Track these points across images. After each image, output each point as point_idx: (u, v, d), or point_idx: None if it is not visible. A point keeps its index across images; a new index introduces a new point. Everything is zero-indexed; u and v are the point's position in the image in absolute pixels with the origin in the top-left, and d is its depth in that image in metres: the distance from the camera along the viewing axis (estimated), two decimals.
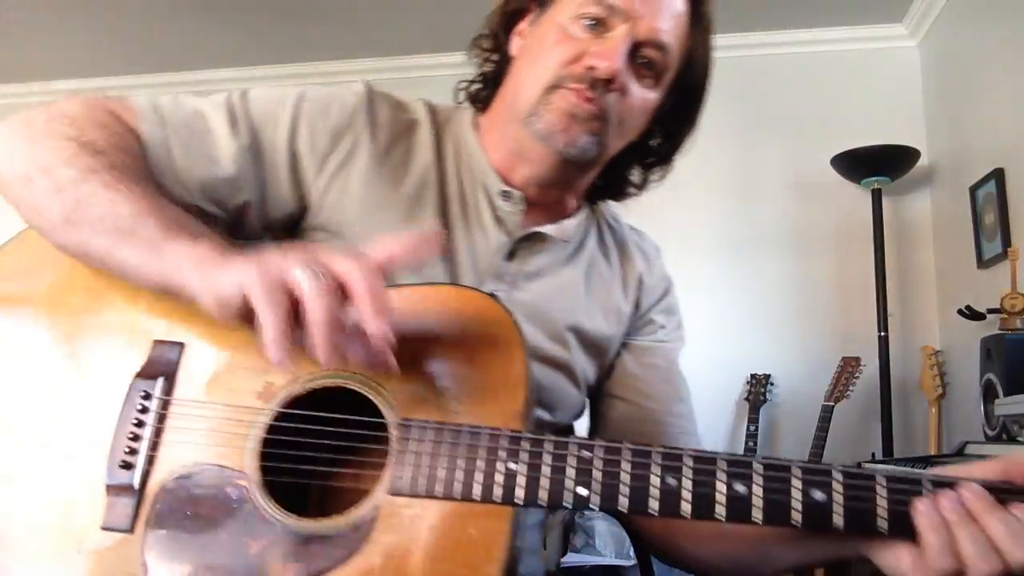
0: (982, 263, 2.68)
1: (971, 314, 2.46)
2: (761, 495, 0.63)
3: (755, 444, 2.91)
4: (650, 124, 0.98)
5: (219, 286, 0.65)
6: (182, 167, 0.84)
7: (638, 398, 1.00)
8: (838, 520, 0.62)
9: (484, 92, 1.02)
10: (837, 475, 0.63)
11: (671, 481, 0.64)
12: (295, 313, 0.62)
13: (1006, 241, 2.50)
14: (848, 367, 2.81)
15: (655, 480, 0.64)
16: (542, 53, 0.90)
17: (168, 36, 3.40)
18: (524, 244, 0.94)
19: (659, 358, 1.03)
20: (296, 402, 0.73)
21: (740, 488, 0.63)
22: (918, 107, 3.21)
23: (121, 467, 0.71)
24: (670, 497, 0.64)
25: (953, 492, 0.61)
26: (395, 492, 0.68)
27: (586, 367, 0.98)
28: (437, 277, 0.87)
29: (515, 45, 0.97)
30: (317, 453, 0.71)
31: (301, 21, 3.28)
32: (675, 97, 0.98)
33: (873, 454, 2.68)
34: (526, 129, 0.90)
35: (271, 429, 0.72)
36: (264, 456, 0.71)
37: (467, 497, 0.67)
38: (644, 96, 0.92)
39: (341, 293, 0.63)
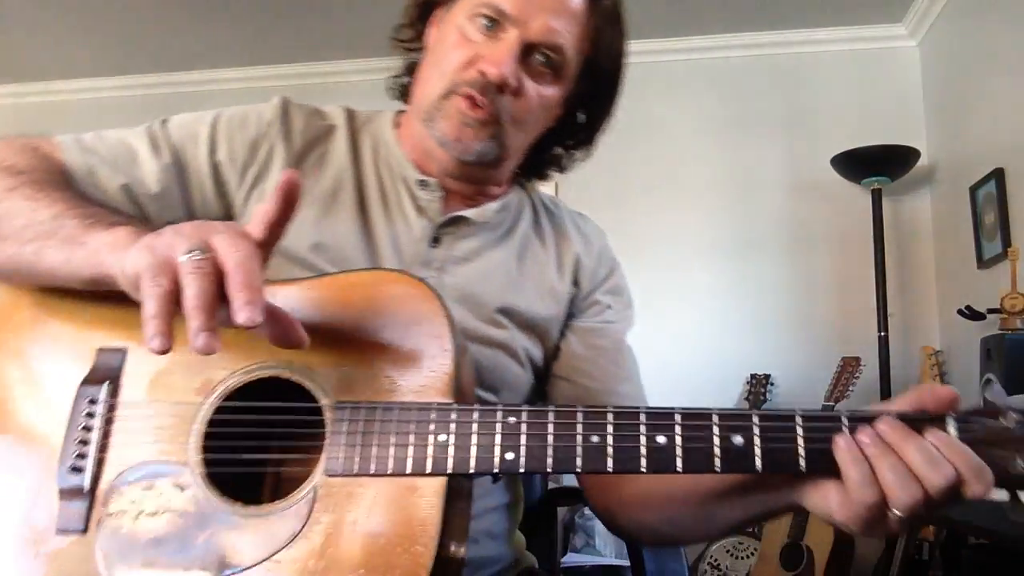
0: (982, 263, 2.68)
1: (971, 314, 2.46)
2: (681, 444, 0.65)
3: None
4: (564, 112, 1.00)
5: (125, 267, 0.66)
6: (109, 189, 0.87)
7: (583, 379, 1.00)
8: (759, 462, 0.64)
9: (410, 85, 1.03)
10: (755, 419, 0.65)
11: (595, 439, 0.67)
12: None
13: (1006, 241, 2.51)
14: (848, 367, 2.81)
15: (579, 439, 0.67)
16: (442, 55, 0.93)
17: (168, 36, 3.41)
18: (449, 230, 0.96)
19: (605, 339, 1.03)
20: (235, 394, 0.75)
21: (661, 439, 0.66)
22: (918, 107, 3.21)
23: (71, 471, 0.73)
24: (594, 453, 0.66)
25: (870, 426, 0.63)
26: (331, 473, 0.70)
27: (528, 346, 0.98)
28: (362, 267, 0.90)
29: (431, 36, 0.99)
30: (257, 442, 0.73)
31: (301, 21, 3.28)
32: (589, 83, 0.98)
33: None
34: (428, 130, 0.93)
35: (212, 422, 0.74)
36: (208, 449, 0.73)
37: (399, 472, 0.69)
38: (542, 93, 0.93)
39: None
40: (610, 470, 0.66)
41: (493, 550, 0.97)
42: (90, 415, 0.75)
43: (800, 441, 0.64)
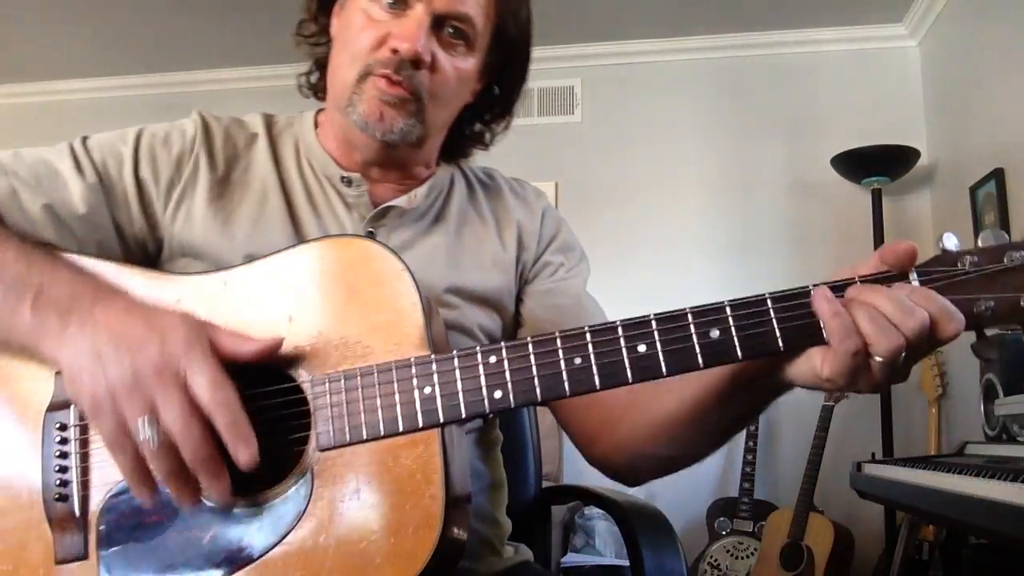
0: None
1: None
2: (661, 348, 0.67)
3: (755, 444, 2.91)
4: (482, 83, 1.00)
5: (67, 385, 0.69)
6: (31, 211, 0.85)
7: None
8: (739, 351, 0.66)
9: (322, 80, 1.01)
10: (728, 310, 0.67)
11: (578, 360, 0.67)
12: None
13: None
14: None
15: (563, 364, 0.68)
16: (350, 40, 0.92)
17: (168, 36, 3.41)
18: (382, 222, 0.96)
19: (564, 296, 1.02)
20: None
21: (642, 347, 0.67)
22: (918, 107, 3.21)
23: (57, 500, 0.72)
24: (579, 374, 0.67)
25: (840, 295, 0.66)
26: (324, 447, 0.70)
27: (482, 320, 0.98)
28: None
29: (335, 26, 0.98)
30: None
31: None
32: (500, 53, 0.98)
33: (873, 454, 2.68)
34: (347, 118, 0.92)
35: None
36: None
37: (392, 432, 0.69)
38: (457, 65, 0.93)
39: (197, 417, 0.65)
40: (598, 387, 0.67)
41: (474, 488, 0.96)
42: (63, 441, 0.74)
43: (774, 323, 0.66)
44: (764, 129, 3.33)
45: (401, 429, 0.69)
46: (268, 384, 0.73)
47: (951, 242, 0.68)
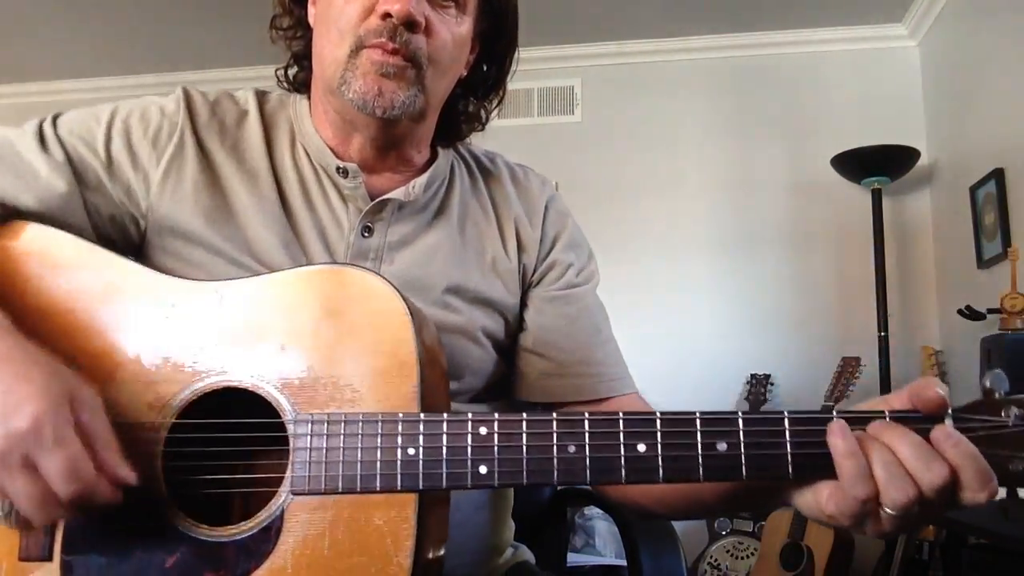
0: (982, 263, 2.68)
1: (971, 314, 2.46)
2: (661, 452, 0.63)
3: None
4: (476, 53, 0.96)
5: None
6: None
7: (555, 353, 0.95)
8: (744, 470, 0.62)
9: (302, 73, 0.98)
10: (741, 423, 0.62)
11: (571, 448, 0.64)
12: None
13: (1006, 241, 2.51)
14: (848, 367, 2.80)
15: (555, 450, 0.64)
16: (334, 17, 0.86)
17: (168, 36, 3.41)
18: (380, 216, 0.91)
19: (572, 305, 0.97)
20: (192, 407, 0.72)
21: (641, 447, 0.63)
22: (918, 107, 3.21)
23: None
24: (570, 464, 0.64)
25: (862, 426, 0.61)
26: (297, 492, 0.67)
27: (485, 323, 0.94)
28: (289, 267, 0.84)
29: (312, 13, 0.93)
30: (219, 461, 0.70)
31: None
32: (489, 18, 0.94)
33: None
34: (342, 99, 0.86)
35: (170, 441, 0.71)
36: (168, 470, 0.70)
37: (368, 489, 0.66)
38: (453, 29, 0.88)
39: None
40: (588, 483, 0.64)
41: (475, 548, 0.95)
42: None
43: (788, 447, 0.62)
44: (764, 129, 3.33)
45: (378, 488, 0.66)
46: (249, 407, 0.71)
47: (999, 384, 0.60)
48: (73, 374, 0.67)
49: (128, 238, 0.89)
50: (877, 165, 2.90)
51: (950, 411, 0.61)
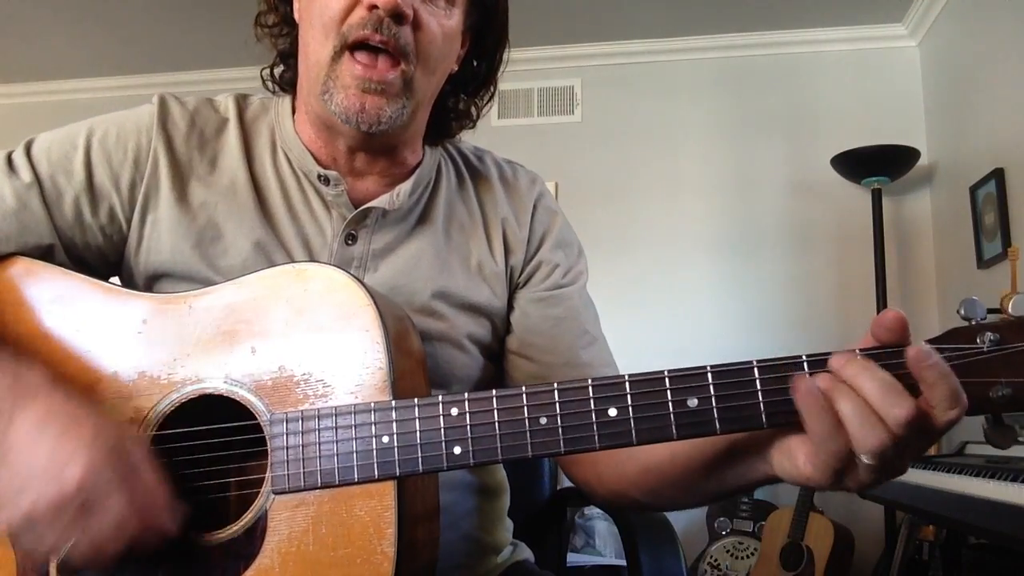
0: (982, 263, 2.68)
1: None
2: (633, 414, 0.62)
3: None
4: (467, 48, 0.93)
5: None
6: None
7: (543, 355, 0.94)
8: (718, 424, 0.61)
9: (288, 72, 0.95)
10: (710, 377, 0.62)
11: (543, 420, 0.64)
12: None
13: (1006, 241, 2.50)
14: None
15: (527, 423, 0.64)
16: (318, 11, 0.83)
17: (168, 36, 3.41)
18: (363, 224, 0.89)
19: (560, 306, 0.95)
20: (171, 418, 0.73)
21: (613, 411, 0.63)
22: (918, 107, 3.21)
23: None
24: (543, 435, 0.64)
25: (826, 369, 0.59)
26: (278, 491, 0.68)
27: (471, 329, 0.93)
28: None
29: (297, 9, 0.90)
30: (203, 468, 0.71)
31: None
32: (479, 13, 0.92)
33: None
34: (326, 107, 0.84)
35: (152, 454, 0.71)
36: None
37: (347, 481, 0.66)
38: (442, 22, 0.85)
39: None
40: (562, 451, 0.64)
41: (462, 534, 0.94)
42: None
43: (760, 395, 0.61)
44: (764, 129, 3.33)
45: (356, 479, 0.66)
46: (225, 409, 0.71)
47: (974, 311, 0.58)
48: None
49: (106, 260, 0.89)
50: (877, 165, 2.90)
51: (923, 343, 0.58)
